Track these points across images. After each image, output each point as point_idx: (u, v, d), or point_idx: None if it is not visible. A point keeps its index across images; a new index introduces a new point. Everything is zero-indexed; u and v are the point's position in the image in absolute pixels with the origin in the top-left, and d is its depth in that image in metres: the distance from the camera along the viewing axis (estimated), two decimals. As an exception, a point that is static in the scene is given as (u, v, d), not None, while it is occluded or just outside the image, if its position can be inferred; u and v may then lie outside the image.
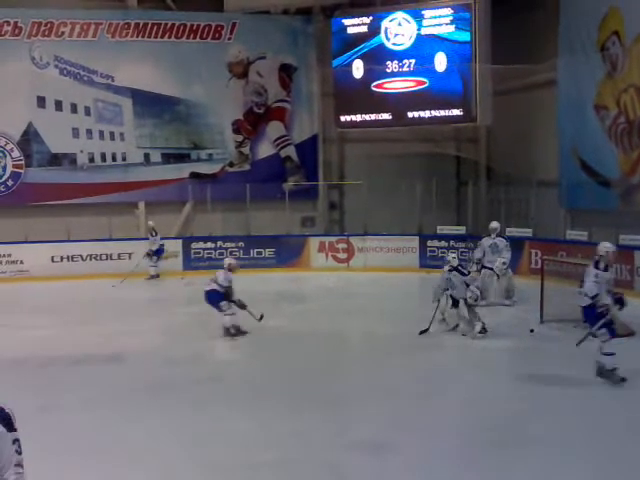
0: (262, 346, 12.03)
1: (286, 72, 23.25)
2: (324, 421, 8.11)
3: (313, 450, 7.29)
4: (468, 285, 11.97)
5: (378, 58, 21.65)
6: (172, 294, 17.96)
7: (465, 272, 12.25)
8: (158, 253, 20.18)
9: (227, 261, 13.49)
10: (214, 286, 12.79)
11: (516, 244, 15.09)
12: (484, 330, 11.85)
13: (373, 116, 21.99)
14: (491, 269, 14.62)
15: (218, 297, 12.69)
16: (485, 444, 7.41)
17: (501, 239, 15.08)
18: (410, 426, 7.94)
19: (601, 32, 17.96)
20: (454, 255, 12.76)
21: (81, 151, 21.86)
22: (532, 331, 12.39)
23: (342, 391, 9.38)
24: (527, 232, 18.93)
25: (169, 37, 22.17)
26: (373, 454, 7.10)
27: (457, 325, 12.32)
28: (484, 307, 12.70)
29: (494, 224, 15.33)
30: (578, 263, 14.21)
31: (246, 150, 23.23)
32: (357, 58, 21.89)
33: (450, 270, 12.20)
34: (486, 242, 15.07)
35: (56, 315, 15.07)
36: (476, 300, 11.91)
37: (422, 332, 12.18)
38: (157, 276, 20.09)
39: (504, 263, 14.61)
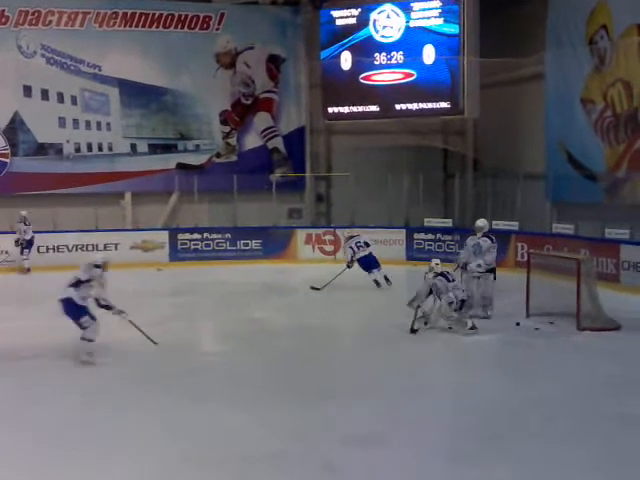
0: (249, 338, 11.99)
1: (274, 63, 23.22)
2: (316, 415, 8.08)
3: (306, 444, 7.26)
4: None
5: (366, 50, 21.64)
6: (155, 285, 17.88)
7: (450, 278, 12.07)
8: (30, 245, 19.52)
9: (357, 232, 16.81)
10: (370, 249, 16.05)
11: (502, 237, 14.82)
12: (474, 327, 11.85)
13: (361, 108, 21.97)
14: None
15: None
16: (477, 438, 7.41)
17: (485, 239, 13.21)
18: (402, 420, 7.93)
19: (589, 26, 18.01)
20: (437, 262, 12.21)
21: (67, 141, 21.75)
22: (518, 324, 12.43)
23: (333, 384, 9.37)
24: (513, 225, 18.99)
25: (157, 27, 22.08)
26: (367, 448, 7.09)
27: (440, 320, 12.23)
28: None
29: (479, 222, 13.53)
30: (564, 257, 14.32)
31: (233, 141, 23.19)
32: (345, 50, 21.86)
33: (435, 276, 12.03)
34: (470, 242, 13.36)
35: (42, 306, 14.92)
36: (451, 304, 11.85)
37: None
38: (29, 269, 19.38)
39: (479, 265, 12.98)
